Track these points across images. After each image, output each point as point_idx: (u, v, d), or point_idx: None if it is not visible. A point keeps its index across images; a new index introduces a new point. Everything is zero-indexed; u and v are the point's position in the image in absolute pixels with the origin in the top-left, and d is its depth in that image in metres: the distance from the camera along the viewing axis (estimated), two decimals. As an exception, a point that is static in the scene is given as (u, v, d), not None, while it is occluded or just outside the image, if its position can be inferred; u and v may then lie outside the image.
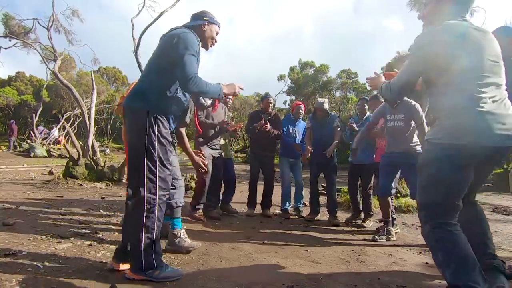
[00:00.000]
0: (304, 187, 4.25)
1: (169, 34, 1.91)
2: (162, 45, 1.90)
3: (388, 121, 3.22)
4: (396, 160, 3.15)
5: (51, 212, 3.32)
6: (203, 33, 2.04)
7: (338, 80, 23.07)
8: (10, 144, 14.33)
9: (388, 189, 3.18)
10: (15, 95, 21.08)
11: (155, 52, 1.93)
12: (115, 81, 26.93)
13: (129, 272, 1.78)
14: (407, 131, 3.13)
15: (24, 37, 9.97)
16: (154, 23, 7.71)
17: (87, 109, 8.16)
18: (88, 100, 12.02)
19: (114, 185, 5.67)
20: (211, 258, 2.27)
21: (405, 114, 3.11)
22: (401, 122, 3.14)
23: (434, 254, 1.52)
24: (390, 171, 3.20)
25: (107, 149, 16.32)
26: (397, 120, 3.15)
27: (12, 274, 1.71)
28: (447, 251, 1.45)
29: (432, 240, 1.52)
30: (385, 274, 2.18)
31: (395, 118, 3.17)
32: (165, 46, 1.87)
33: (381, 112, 3.32)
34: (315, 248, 2.74)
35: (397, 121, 3.15)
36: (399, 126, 3.15)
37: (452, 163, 1.47)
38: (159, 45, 1.94)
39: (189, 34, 1.87)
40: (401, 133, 3.14)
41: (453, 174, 1.49)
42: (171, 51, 1.82)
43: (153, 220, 1.76)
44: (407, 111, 3.11)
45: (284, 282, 1.91)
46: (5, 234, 2.40)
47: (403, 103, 3.15)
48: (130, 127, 1.84)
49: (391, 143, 3.23)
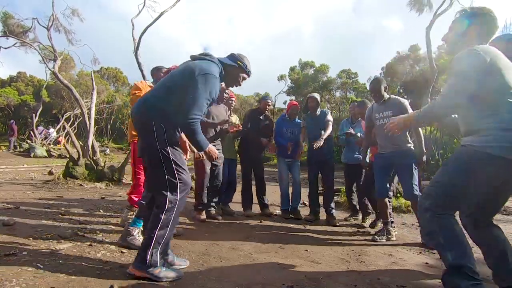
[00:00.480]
0: (304, 187, 4.25)
1: (199, 65, 1.91)
2: (185, 71, 1.90)
3: (377, 120, 3.13)
4: (389, 161, 3.08)
5: (51, 212, 3.32)
6: (231, 73, 2.12)
7: (338, 80, 23.10)
8: (10, 144, 14.33)
9: (383, 191, 3.14)
10: (15, 95, 21.07)
11: (177, 72, 1.95)
12: (115, 81, 26.94)
13: (131, 268, 1.81)
14: None
15: (23, 37, 9.96)
16: (154, 23, 7.71)
17: (87, 109, 8.16)
18: (88, 100, 12.01)
19: (114, 185, 5.67)
20: (211, 258, 2.27)
21: (393, 111, 2.98)
22: (389, 119, 2.95)
23: (435, 238, 1.62)
24: (384, 172, 3.14)
25: (107, 149, 16.30)
26: (386, 117, 3.05)
27: (12, 274, 1.71)
28: (451, 235, 1.58)
29: (435, 225, 1.62)
30: (385, 274, 2.18)
31: (383, 115, 3.08)
32: (187, 75, 1.88)
33: (369, 113, 3.26)
34: (315, 248, 2.74)
35: (386, 118, 3.04)
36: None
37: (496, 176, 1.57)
38: (183, 68, 1.95)
39: (215, 78, 1.91)
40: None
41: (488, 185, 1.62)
42: (190, 82, 1.85)
43: (169, 219, 1.84)
44: (395, 107, 3.00)
45: (284, 282, 1.91)
46: (5, 234, 2.40)
47: (391, 100, 3.09)
48: (141, 135, 1.93)
49: (382, 142, 3.15)
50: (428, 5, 8.24)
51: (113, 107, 22.04)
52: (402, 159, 2.98)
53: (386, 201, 3.18)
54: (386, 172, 3.15)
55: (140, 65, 7.30)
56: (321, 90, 21.74)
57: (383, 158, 3.14)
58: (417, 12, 8.49)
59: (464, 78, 1.59)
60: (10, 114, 20.95)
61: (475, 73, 1.55)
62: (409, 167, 2.97)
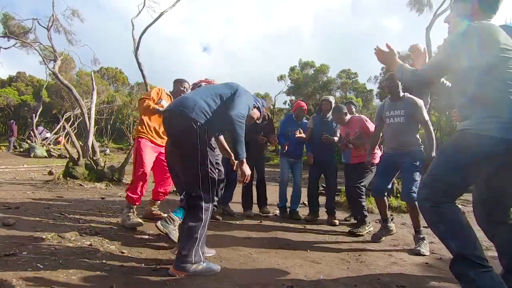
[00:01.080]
0: (303, 187, 4.25)
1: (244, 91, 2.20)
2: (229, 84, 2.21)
3: (388, 118, 3.04)
4: (393, 159, 2.99)
5: (51, 212, 3.31)
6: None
7: (338, 80, 23.11)
8: (10, 144, 14.33)
9: (379, 190, 3.09)
10: (15, 95, 21.08)
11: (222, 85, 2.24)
12: (115, 82, 26.96)
13: (173, 269, 1.90)
14: (407, 129, 2.93)
15: (24, 37, 9.96)
16: (154, 23, 7.71)
17: (87, 109, 8.15)
18: (88, 100, 12.01)
19: (114, 185, 5.66)
20: (211, 258, 2.27)
21: (405, 110, 2.92)
22: (401, 118, 2.95)
23: (436, 227, 1.55)
24: (385, 172, 3.07)
25: (107, 149, 16.30)
26: (396, 116, 2.97)
27: (12, 274, 1.71)
28: (452, 223, 1.51)
29: (435, 214, 1.55)
30: (385, 274, 2.18)
31: (394, 114, 2.99)
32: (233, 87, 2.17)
33: (380, 111, 3.21)
34: (315, 248, 2.74)
35: (396, 117, 2.97)
36: (398, 122, 2.96)
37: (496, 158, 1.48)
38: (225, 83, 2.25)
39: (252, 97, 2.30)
40: (400, 130, 2.95)
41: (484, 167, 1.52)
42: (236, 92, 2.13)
43: (207, 216, 1.97)
44: (408, 107, 2.92)
45: (284, 282, 1.91)
46: (5, 234, 2.40)
47: (405, 98, 2.99)
48: (182, 136, 1.99)
49: (390, 141, 3.06)
50: (428, 5, 8.26)
51: (113, 107, 22.05)
52: (406, 158, 2.89)
53: (384, 200, 3.13)
54: (388, 172, 3.06)
55: (140, 65, 7.30)
56: (321, 90, 21.74)
57: (387, 157, 3.09)
58: (417, 12, 8.50)
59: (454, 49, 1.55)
60: (10, 114, 20.96)
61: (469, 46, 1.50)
62: (411, 167, 2.86)
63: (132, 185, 3.02)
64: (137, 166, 3.01)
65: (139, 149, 3.03)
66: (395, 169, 3.05)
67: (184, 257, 1.88)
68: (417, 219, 2.83)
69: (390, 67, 1.92)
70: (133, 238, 2.63)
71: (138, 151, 3.04)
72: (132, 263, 2.06)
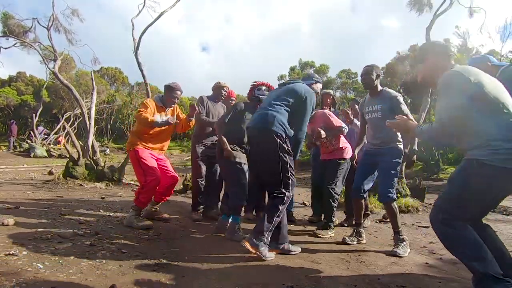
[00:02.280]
0: (304, 187, 4.24)
1: (305, 89, 2.56)
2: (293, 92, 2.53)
3: (367, 114, 2.94)
4: (372, 157, 2.88)
5: (51, 212, 3.31)
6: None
7: (338, 80, 23.12)
8: (10, 144, 14.33)
9: (357, 188, 2.92)
10: (15, 95, 21.07)
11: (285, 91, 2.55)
12: (115, 81, 26.95)
13: (246, 241, 2.27)
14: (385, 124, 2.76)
15: (23, 37, 9.94)
16: (154, 23, 7.70)
17: (87, 109, 8.14)
18: (88, 100, 12.01)
19: (114, 185, 5.66)
20: (211, 258, 2.27)
21: (382, 105, 2.81)
22: (378, 114, 2.83)
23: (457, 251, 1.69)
24: (363, 170, 2.93)
25: (107, 149, 16.31)
26: (374, 112, 2.86)
27: (12, 274, 1.71)
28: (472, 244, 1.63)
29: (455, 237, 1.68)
30: (385, 274, 2.18)
31: (372, 109, 2.88)
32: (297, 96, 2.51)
33: (360, 108, 3.11)
34: (315, 248, 2.74)
35: (374, 112, 2.86)
36: (375, 117, 2.85)
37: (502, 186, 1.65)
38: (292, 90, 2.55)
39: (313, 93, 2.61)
40: (377, 125, 2.83)
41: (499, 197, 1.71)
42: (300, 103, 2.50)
43: (284, 208, 2.42)
44: (385, 101, 2.81)
45: (284, 282, 1.91)
46: (5, 234, 2.40)
47: (382, 93, 2.87)
48: (266, 145, 2.40)
49: (370, 137, 2.96)
50: (428, 5, 8.23)
51: (113, 107, 22.02)
52: (385, 156, 2.79)
53: (361, 202, 3.00)
54: (367, 170, 2.93)
55: (140, 65, 7.29)
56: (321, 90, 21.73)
57: (367, 155, 2.96)
58: (417, 12, 8.48)
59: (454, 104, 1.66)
60: (10, 114, 20.95)
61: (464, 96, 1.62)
62: (389, 167, 2.77)
63: (144, 190, 3.00)
64: (148, 173, 2.99)
65: (141, 158, 3.03)
66: (372, 169, 2.93)
67: (259, 236, 2.28)
68: (395, 220, 2.78)
69: (407, 132, 2.08)
70: (133, 238, 2.63)
71: (140, 160, 3.02)
72: (132, 263, 2.06)
